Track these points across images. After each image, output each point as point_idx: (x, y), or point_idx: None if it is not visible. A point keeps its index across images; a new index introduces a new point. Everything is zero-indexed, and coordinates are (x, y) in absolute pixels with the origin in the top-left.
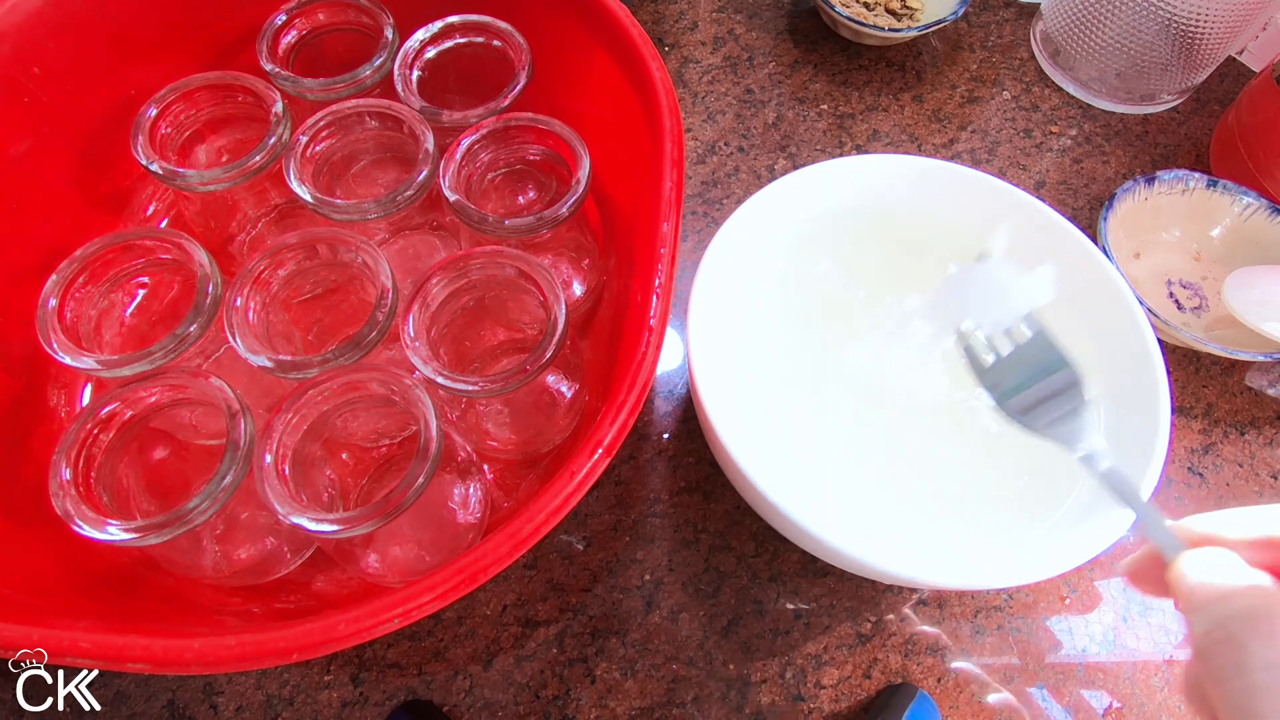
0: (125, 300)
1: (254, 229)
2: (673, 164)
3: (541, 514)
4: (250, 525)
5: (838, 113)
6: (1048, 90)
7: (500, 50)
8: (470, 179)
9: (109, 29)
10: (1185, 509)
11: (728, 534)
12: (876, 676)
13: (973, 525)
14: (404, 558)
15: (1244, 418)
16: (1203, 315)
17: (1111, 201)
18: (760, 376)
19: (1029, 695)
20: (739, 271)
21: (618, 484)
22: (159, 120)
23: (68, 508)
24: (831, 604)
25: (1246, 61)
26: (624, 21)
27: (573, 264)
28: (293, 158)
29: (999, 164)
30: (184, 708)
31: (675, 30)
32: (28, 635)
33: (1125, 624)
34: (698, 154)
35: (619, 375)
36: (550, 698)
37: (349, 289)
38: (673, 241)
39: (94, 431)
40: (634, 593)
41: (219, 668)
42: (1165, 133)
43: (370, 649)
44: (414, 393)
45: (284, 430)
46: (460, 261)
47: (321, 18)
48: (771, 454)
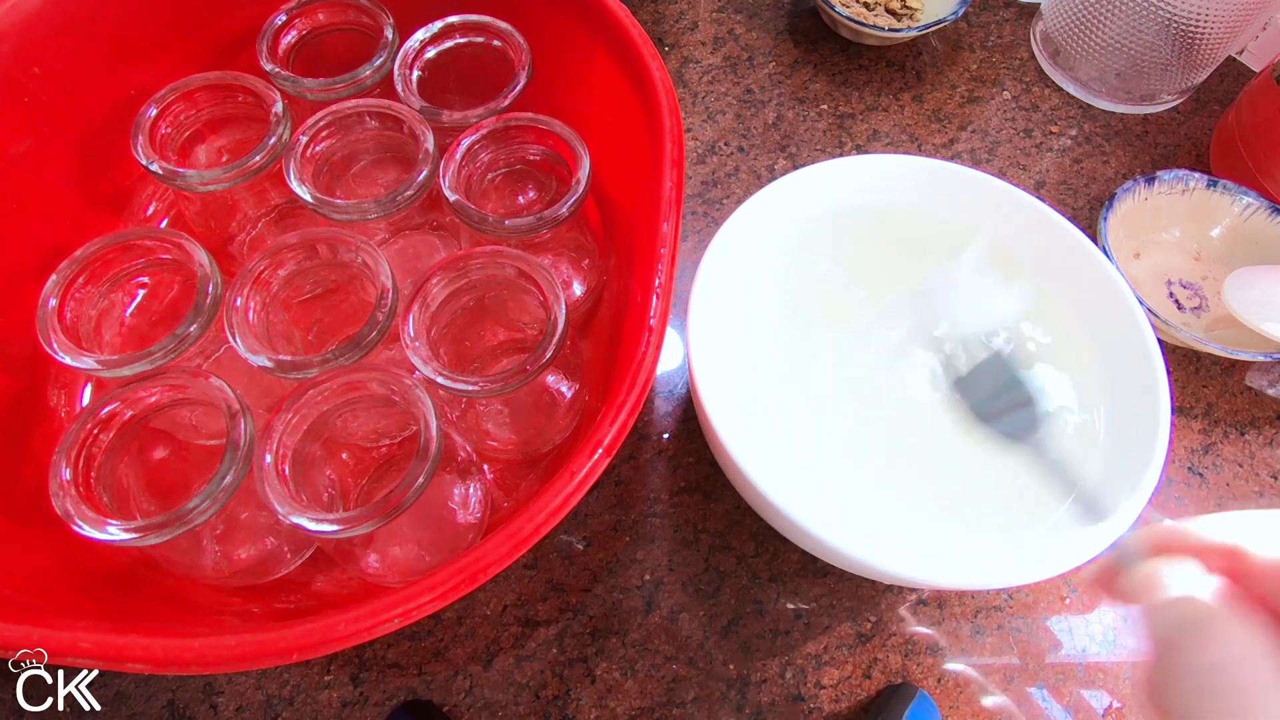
0: (125, 300)
1: (254, 229)
2: (673, 164)
3: (541, 514)
4: (250, 525)
5: (838, 113)
6: (1048, 90)
7: (500, 50)
8: (470, 179)
9: (109, 29)
10: (1185, 509)
11: (728, 534)
12: (876, 676)
13: (973, 525)
14: (404, 558)
15: (1244, 418)
16: (1203, 315)
17: (1111, 201)
18: (760, 376)
19: (1029, 695)
20: (739, 271)
21: (618, 484)
22: (159, 120)
23: (68, 508)
24: (831, 604)
25: (1246, 61)
26: (624, 21)
27: (573, 264)
28: (293, 158)
29: (999, 164)
30: (184, 708)
31: (675, 30)
32: (28, 635)
33: (1125, 624)
34: (698, 154)
35: (619, 375)
36: (550, 698)
37: (349, 289)
38: (673, 241)
39: (94, 431)
40: (634, 593)
41: (219, 668)
42: (1165, 133)
43: (370, 649)
44: (414, 393)
45: (284, 430)
46: (460, 261)
47: (321, 18)
48: (771, 454)
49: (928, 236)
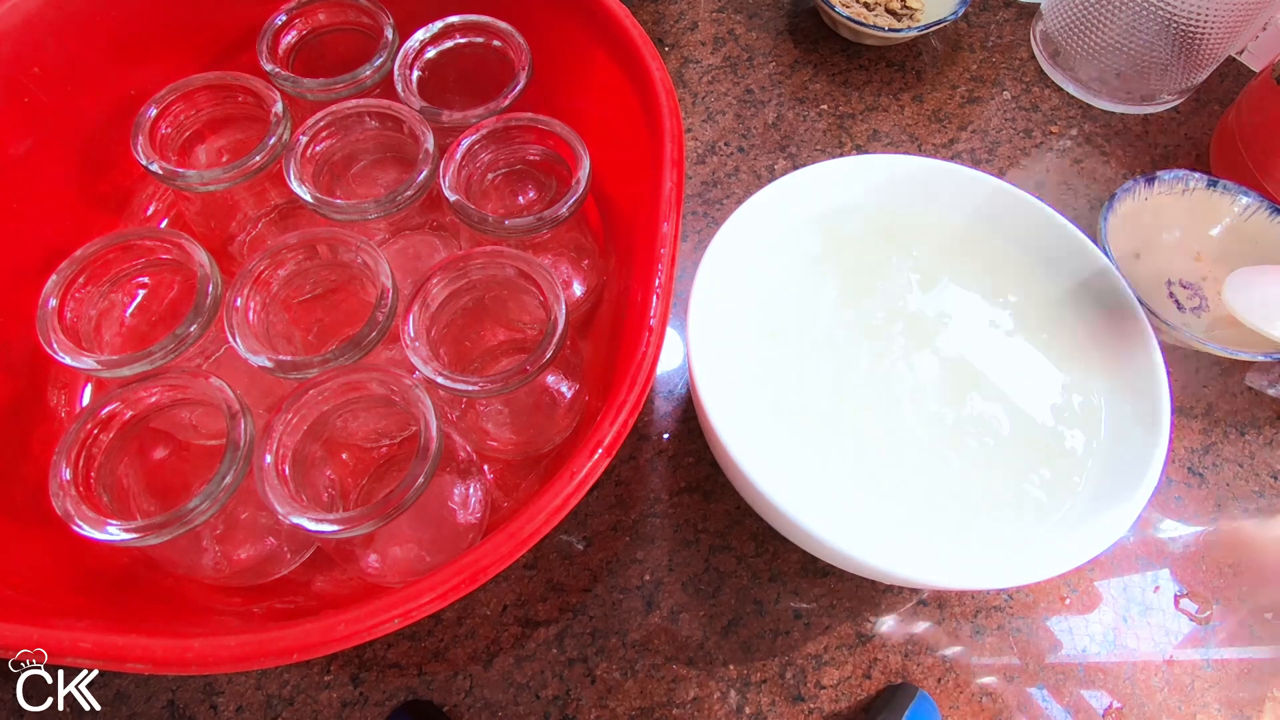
0: (125, 300)
1: (254, 229)
2: (673, 164)
3: (541, 514)
4: (250, 525)
5: (838, 113)
6: (1048, 90)
7: (500, 50)
8: (470, 179)
9: (109, 29)
10: (1185, 509)
11: (728, 534)
12: (876, 676)
13: (973, 525)
14: (404, 558)
15: (1244, 418)
16: (1203, 315)
17: (1111, 201)
18: (760, 376)
19: (1029, 695)
20: (739, 271)
21: (618, 484)
22: (159, 120)
23: (68, 508)
24: (831, 604)
25: (1246, 61)
26: (624, 22)
27: (573, 264)
28: (293, 158)
29: (999, 164)
30: (184, 708)
31: (675, 30)
32: (28, 635)
33: (1125, 624)
34: (698, 154)
35: (619, 375)
36: (550, 698)
37: (349, 289)
38: (673, 241)
39: (94, 431)
40: (634, 593)
41: (219, 668)
42: (1165, 133)
43: (370, 649)
44: (414, 393)
45: (284, 430)
46: (460, 261)
47: (321, 18)
48: (771, 454)
49: (928, 236)
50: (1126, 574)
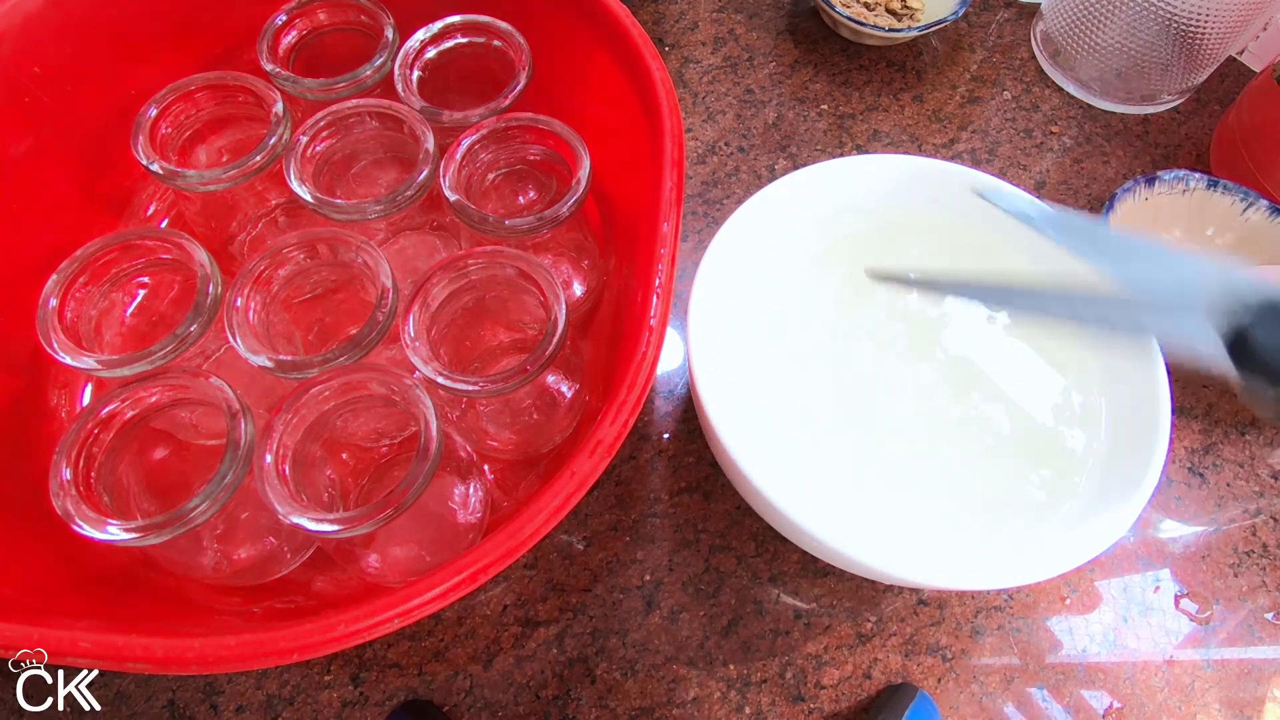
0: (125, 300)
1: (254, 229)
2: (673, 164)
3: (541, 514)
4: (250, 525)
5: (838, 113)
6: (1048, 90)
7: (500, 50)
8: (470, 179)
9: (109, 29)
10: (1185, 509)
11: (728, 534)
12: (877, 676)
13: (973, 526)
14: (404, 558)
15: (1244, 418)
16: None
17: (1112, 202)
18: (760, 376)
19: (1029, 695)
20: (739, 271)
21: (618, 484)
22: (159, 120)
23: (68, 508)
24: (831, 604)
25: (1246, 61)
26: (624, 22)
27: (573, 264)
28: (293, 158)
29: (999, 164)
30: (184, 708)
31: (675, 30)
32: (28, 635)
33: (1125, 624)
34: (698, 154)
35: (619, 375)
36: (550, 698)
37: (349, 289)
38: (673, 241)
39: (94, 431)
40: (634, 593)
41: (219, 668)
42: (1165, 133)
43: (370, 649)
44: (414, 393)
45: (284, 430)
46: (460, 261)
47: (321, 18)
48: (771, 454)
49: (928, 237)
50: (1127, 574)
